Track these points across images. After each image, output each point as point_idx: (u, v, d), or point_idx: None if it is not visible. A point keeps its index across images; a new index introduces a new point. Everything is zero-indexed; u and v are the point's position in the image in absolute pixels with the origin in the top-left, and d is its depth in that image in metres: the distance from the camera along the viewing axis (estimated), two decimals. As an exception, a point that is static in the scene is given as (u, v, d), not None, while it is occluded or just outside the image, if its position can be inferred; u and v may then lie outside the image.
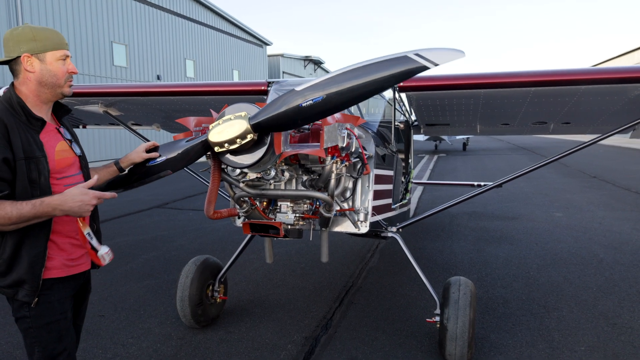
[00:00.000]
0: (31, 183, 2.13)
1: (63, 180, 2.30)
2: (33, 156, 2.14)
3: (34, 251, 2.18)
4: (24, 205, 2.04)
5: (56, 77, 2.27)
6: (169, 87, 4.99)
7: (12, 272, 2.17)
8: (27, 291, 2.18)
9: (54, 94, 2.30)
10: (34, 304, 2.20)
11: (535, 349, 4.00)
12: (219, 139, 2.45)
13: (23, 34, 2.21)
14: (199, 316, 4.33)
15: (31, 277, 2.17)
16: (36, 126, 2.22)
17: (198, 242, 7.68)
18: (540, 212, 9.76)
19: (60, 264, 2.28)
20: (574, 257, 6.57)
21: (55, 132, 2.35)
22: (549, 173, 15.74)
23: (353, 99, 2.31)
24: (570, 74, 3.62)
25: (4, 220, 2.03)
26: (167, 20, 26.78)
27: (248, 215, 3.45)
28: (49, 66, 2.24)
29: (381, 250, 6.98)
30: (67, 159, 2.33)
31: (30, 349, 2.27)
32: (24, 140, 2.13)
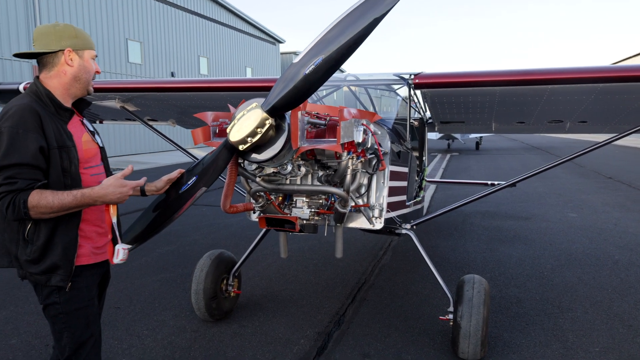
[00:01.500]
0: (63, 171, 2.22)
1: (89, 169, 2.38)
2: (64, 145, 2.23)
3: (67, 237, 2.26)
4: (65, 195, 2.12)
5: (89, 74, 2.41)
6: (185, 82, 5.04)
7: (46, 259, 2.23)
8: (62, 276, 2.25)
9: (82, 90, 2.42)
10: (68, 288, 2.27)
11: (549, 349, 3.98)
12: (240, 136, 2.46)
13: (66, 30, 2.33)
14: (213, 309, 4.37)
15: (65, 262, 2.25)
16: (64, 117, 2.32)
17: (211, 237, 7.74)
18: (554, 212, 9.68)
19: (88, 252, 2.37)
20: (588, 258, 6.52)
21: (80, 123, 2.45)
22: (564, 173, 15.59)
23: (349, 48, 2.31)
24: (588, 72, 3.60)
25: (46, 209, 2.10)
26: (181, 18, 26.97)
27: (264, 209, 3.48)
28: (85, 63, 2.38)
29: (394, 248, 6.98)
30: (91, 150, 2.42)
31: (58, 335, 2.33)
32: (55, 130, 2.22)
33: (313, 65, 2.29)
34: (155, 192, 2.57)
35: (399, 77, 4.55)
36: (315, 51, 2.30)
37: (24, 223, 2.21)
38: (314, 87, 2.42)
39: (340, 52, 2.27)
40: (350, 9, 2.29)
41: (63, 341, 2.33)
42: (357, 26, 2.24)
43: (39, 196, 2.09)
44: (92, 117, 6.77)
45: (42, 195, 2.10)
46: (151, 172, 17.49)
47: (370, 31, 2.27)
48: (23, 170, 2.11)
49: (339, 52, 2.26)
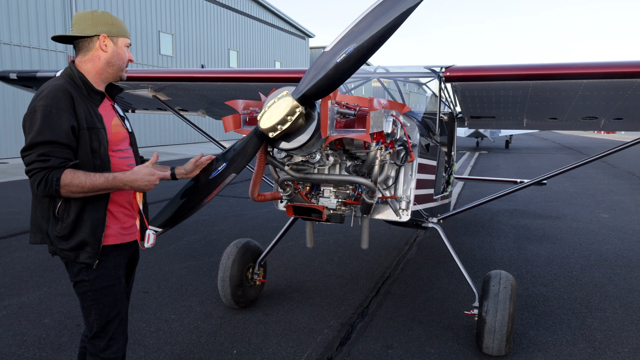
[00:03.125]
0: (92, 152, 2.28)
1: (117, 152, 2.44)
2: (94, 127, 2.30)
3: (95, 216, 2.32)
4: (97, 177, 2.19)
5: (122, 61, 2.47)
6: (215, 73, 5.10)
7: (75, 235, 2.29)
8: (89, 253, 2.31)
9: (115, 76, 2.48)
10: (95, 266, 2.34)
11: (576, 348, 3.91)
12: (270, 124, 2.48)
13: (103, 17, 2.40)
14: (239, 297, 4.44)
15: (93, 240, 2.31)
16: (96, 100, 2.40)
17: (238, 227, 7.84)
18: (585, 212, 9.47)
19: (115, 232, 2.42)
20: (620, 258, 6.36)
21: (111, 107, 2.51)
22: (595, 173, 15.21)
23: (381, 37, 2.29)
24: (626, 66, 3.50)
25: (77, 188, 2.17)
26: (212, 11, 27.24)
27: (291, 198, 3.51)
28: (119, 50, 2.44)
29: (419, 243, 6.95)
30: (120, 134, 2.48)
31: (87, 312, 2.42)
32: (86, 112, 2.28)
33: (344, 54, 2.29)
34: (184, 175, 2.66)
35: (430, 70, 4.51)
36: (346, 40, 2.30)
37: (54, 200, 2.28)
38: (345, 76, 2.42)
39: (372, 42, 2.26)
40: None
41: (91, 317, 2.41)
42: (390, 15, 2.23)
43: (72, 175, 2.16)
44: (125, 105, 6.92)
45: (75, 175, 2.16)
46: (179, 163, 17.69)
47: (402, 21, 2.26)
48: (56, 149, 2.17)
49: (370, 42, 2.26)
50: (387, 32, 2.26)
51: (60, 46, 18.03)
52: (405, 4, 2.23)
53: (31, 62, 16.88)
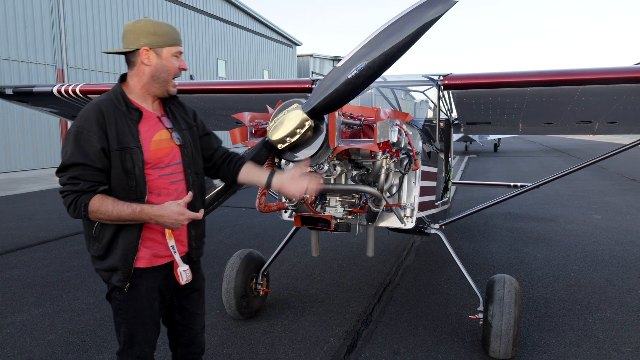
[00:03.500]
0: (126, 173, 2.21)
1: (158, 170, 2.32)
2: (127, 147, 2.20)
3: (127, 240, 2.26)
4: (124, 207, 2.14)
5: (168, 73, 2.33)
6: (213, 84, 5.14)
7: (108, 257, 2.27)
8: (120, 277, 2.29)
9: (162, 90, 2.36)
10: (126, 289, 2.31)
11: (580, 349, 3.97)
12: (280, 136, 2.52)
13: (145, 27, 2.27)
14: (243, 308, 4.44)
15: (124, 265, 2.27)
16: (135, 116, 2.28)
17: (235, 238, 7.84)
18: (577, 214, 9.60)
19: (148, 255, 2.35)
20: (615, 259, 6.46)
21: (156, 121, 2.36)
22: (585, 175, 15.40)
23: (393, 56, 2.32)
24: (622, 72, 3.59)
25: (104, 216, 2.14)
26: (200, 21, 27.27)
27: (296, 209, 3.54)
28: (164, 61, 2.30)
29: (417, 249, 7.00)
30: (164, 149, 2.33)
31: (118, 326, 2.43)
32: (120, 131, 2.20)
33: (356, 70, 2.32)
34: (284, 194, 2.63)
35: (428, 78, 4.58)
36: (359, 56, 2.33)
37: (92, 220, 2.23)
38: (355, 92, 2.45)
39: (384, 59, 2.29)
40: (398, 15, 2.30)
41: (121, 333, 2.41)
42: (403, 34, 2.25)
43: (100, 202, 2.12)
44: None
45: (103, 203, 2.12)
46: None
47: (415, 40, 2.28)
48: (86, 172, 2.13)
49: (382, 59, 2.29)
50: (399, 50, 2.28)
51: (49, 59, 17.92)
52: (418, 22, 2.25)
53: (20, 75, 16.76)
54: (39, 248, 7.19)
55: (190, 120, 2.53)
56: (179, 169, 2.41)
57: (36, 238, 7.76)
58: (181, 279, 2.33)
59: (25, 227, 8.64)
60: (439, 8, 2.27)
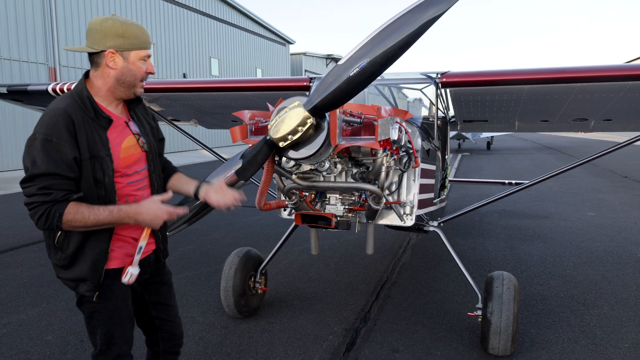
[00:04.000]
0: (96, 182, 2.13)
1: (126, 177, 2.27)
2: (97, 155, 2.12)
3: (97, 249, 2.19)
4: (101, 211, 2.06)
5: (134, 77, 2.23)
6: (212, 83, 5.11)
7: (74, 267, 2.19)
8: (89, 287, 2.21)
9: (127, 93, 2.28)
10: (95, 297, 2.24)
11: (578, 345, 4.00)
12: (282, 133, 2.51)
13: (112, 28, 2.15)
14: (242, 306, 4.43)
15: (93, 275, 2.19)
16: (104, 123, 2.18)
17: (231, 236, 7.82)
18: (571, 211, 9.66)
19: (121, 255, 2.29)
20: (610, 256, 6.51)
21: (124, 126, 2.29)
22: (578, 172, 15.50)
23: (395, 54, 2.30)
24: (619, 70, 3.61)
25: (80, 223, 2.04)
26: (193, 19, 27.15)
27: (296, 207, 3.53)
28: (130, 65, 2.20)
29: (413, 246, 7.01)
30: (132, 156, 2.28)
31: (92, 329, 2.34)
32: (90, 139, 2.10)
33: (357, 68, 2.32)
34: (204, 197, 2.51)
35: (426, 76, 4.59)
36: (360, 54, 2.32)
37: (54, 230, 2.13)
38: (357, 90, 2.44)
39: (386, 57, 2.28)
40: (400, 13, 2.29)
41: (97, 336, 2.34)
42: (405, 31, 2.24)
43: (75, 209, 2.03)
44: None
45: (79, 210, 2.03)
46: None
47: (417, 38, 2.27)
48: (58, 181, 2.02)
49: (384, 57, 2.28)
50: (401, 48, 2.27)
51: (42, 58, 17.78)
52: (420, 20, 2.24)
53: (12, 74, 16.60)
54: (34, 247, 7.13)
55: (151, 122, 2.52)
56: (144, 175, 2.38)
57: (30, 238, 7.70)
58: (125, 277, 2.21)
59: (19, 226, 8.57)
60: (440, 6, 2.27)
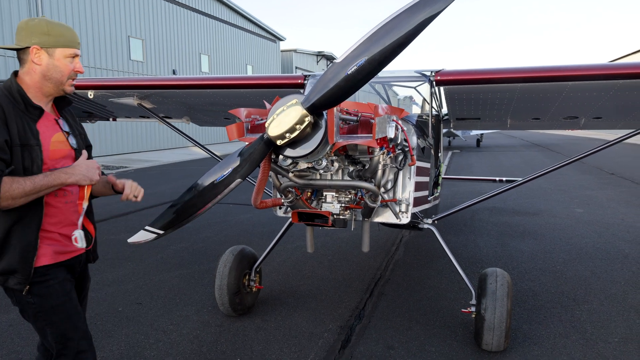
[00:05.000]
0: (25, 171, 2.14)
1: None
2: (27, 144, 2.16)
3: (25, 240, 2.19)
4: (35, 177, 2.10)
5: (61, 74, 2.29)
6: (206, 80, 5.10)
7: (2, 259, 2.18)
8: (19, 279, 2.19)
9: (56, 89, 2.33)
10: (26, 292, 2.21)
11: (569, 340, 4.06)
12: (279, 131, 2.51)
13: (38, 26, 2.24)
14: (237, 304, 4.43)
15: (23, 266, 2.18)
16: (34, 115, 2.24)
17: (223, 234, 7.80)
18: (560, 208, 9.77)
19: (51, 252, 2.29)
20: (599, 252, 6.60)
21: (54, 122, 2.35)
22: (566, 169, 15.65)
23: (393, 51, 2.30)
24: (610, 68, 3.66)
25: (19, 190, 2.05)
26: (183, 15, 26.96)
27: (292, 205, 3.54)
28: (56, 62, 2.27)
29: (405, 243, 7.05)
30: (61, 151, 2.32)
31: (42, 332, 2.31)
32: (20, 128, 2.15)
33: (356, 66, 2.32)
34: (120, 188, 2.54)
35: (421, 74, 4.61)
36: (358, 52, 2.32)
37: None
38: (355, 88, 2.44)
39: (384, 54, 2.28)
40: (398, 11, 2.29)
41: (48, 337, 2.30)
42: (403, 29, 2.24)
43: (10, 181, 2.04)
44: (106, 114, 6.82)
45: (14, 179, 2.05)
46: (155, 169, 17.51)
47: (415, 35, 2.27)
48: None
49: (382, 54, 2.27)
50: (399, 46, 2.26)
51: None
52: (419, 18, 2.23)
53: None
54: (23, 246, 7.05)
55: (80, 129, 2.55)
56: None
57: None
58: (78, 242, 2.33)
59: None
60: (437, 5, 2.27)
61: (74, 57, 2.33)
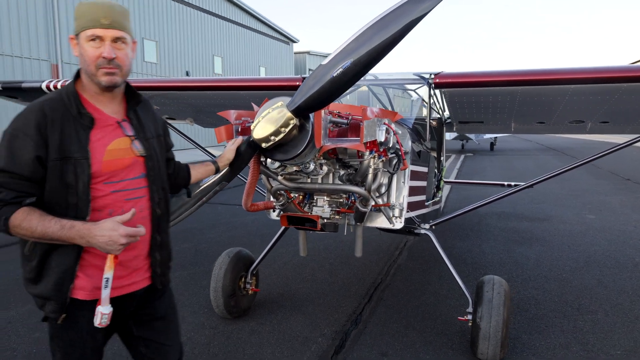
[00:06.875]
0: (66, 187, 1.88)
1: (111, 185, 1.98)
2: (70, 157, 1.87)
3: (64, 264, 1.92)
4: (52, 223, 1.81)
5: (87, 63, 1.93)
6: (205, 82, 5.08)
7: (39, 283, 1.94)
8: (53, 307, 1.94)
9: (96, 84, 1.97)
10: (60, 320, 1.96)
11: (570, 351, 3.94)
12: (264, 134, 2.47)
13: (76, 11, 1.94)
14: (232, 307, 4.40)
15: (57, 294, 1.93)
16: (86, 122, 1.93)
17: (227, 235, 7.79)
18: (571, 213, 9.58)
19: (90, 287, 1.97)
20: (608, 260, 6.44)
21: (115, 127, 2.01)
22: (580, 174, 15.42)
23: (380, 53, 2.24)
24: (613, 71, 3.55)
25: (26, 232, 1.81)
26: (196, 18, 27.14)
27: (284, 208, 3.50)
28: (82, 50, 1.93)
29: (409, 248, 6.96)
30: (122, 160, 1.99)
31: (52, 351, 2.09)
32: (64, 137, 1.87)
33: (341, 68, 2.26)
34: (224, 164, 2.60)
35: (419, 77, 4.54)
36: (344, 54, 2.26)
37: None
38: (341, 90, 2.39)
39: (370, 57, 2.22)
40: (384, 13, 2.24)
41: (56, 357, 2.08)
42: (390, 30, 2.18)
43: (24, 216, 1.79)
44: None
45: (28, 217, 1.80)
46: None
47: (402, 36, 2.21)
48: (13, 180, 1.82)
49: (368, 56, 2.22)
50: (386, 47, 2.21)
51: (44, 54, 17.81)
52: (406, 19, 2.18)
53: (14, 71, 16.63)
54: (29, 245, 7.12)
55: (158, 129, 2.25)
56: (139, 184, 2.07)
57: (26, 235, 7.69)
58: (96, 319, 1.88)
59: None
60: (426, 4, 2.22)
61: (97, 40, 1.91)
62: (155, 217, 2.13)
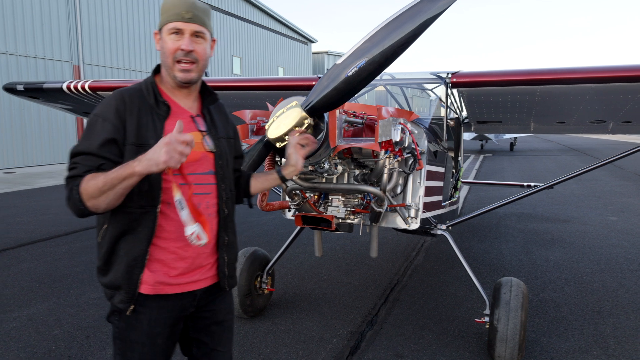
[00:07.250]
0: None
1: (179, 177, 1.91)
2: (146, 144, 1.84)
3: (134, 251, 1.92)
4: (112, 170, 1.76)
5: (165, 55, 1.97)
6: (222, 82, 5.11)
7: (109, 271, 1.95)
8: (123, 297, 1.93)
9: (174, 79, 1.99)
10: (130, 312, 1.94)
11: (589, 355, 3.87)
12: (278, 134, 2.47)
13: (161, 6, 2.00)
14: (247, 306, 4.42)
15: (128, 283, 1.92)
16: (162, 111, 1.96)
17: (244, 235, 7.83)
18: (593, 215, 9.40)
19: (153, 281, 1.96)
20: (630, 262, 6.30)
21: (188, 121, 2.02)
22: (602, 175, 15.13)
23: (394, 53, 2.22)
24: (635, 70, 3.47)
25: (94, 187, 1.75)
26: (215, 18, 27.34)
27: (299, 208, 3.50)
28: (163, 43, 1.97)
29: (427, 249, 6.91)
30: (192, 153, 1.89)
31: (114, 353, 2.06)
32: (141, 124, 1.90)
33: (356, 67, 2.24)
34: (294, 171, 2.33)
35: (436, 76, 4.50)
36: (359, 53, 2.25)
37: (100, 222, 1.96)
38: (355, 90, 2.37)
39: (385, 56, 2.20)
40: (399, 11, 2.23)
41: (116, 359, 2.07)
42: (404, 30, 2.17)
43: (89, 177, 1.77)
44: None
45: (93, 176, 1.77)
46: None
47: (416, 37, 2.19)
48: (88, 158, 1.83)
49: (383, 56, 2.20)
50: (400, 47, 2.19)
51: (66, 56, 18.13)
52: (420, 18, 2.16)
53: (37, 72, 16.98)
54: (50, 243, 7.26)
55: (229, 131, 2.25)
56: (208, 180, 2.06)
57: (48, 232, 7.85)
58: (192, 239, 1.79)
59: (39, 221, 8.75)
60: (441, 3, 2.20)
61: (178, 33, 1.94)
62: (223, 216, 2.12)
